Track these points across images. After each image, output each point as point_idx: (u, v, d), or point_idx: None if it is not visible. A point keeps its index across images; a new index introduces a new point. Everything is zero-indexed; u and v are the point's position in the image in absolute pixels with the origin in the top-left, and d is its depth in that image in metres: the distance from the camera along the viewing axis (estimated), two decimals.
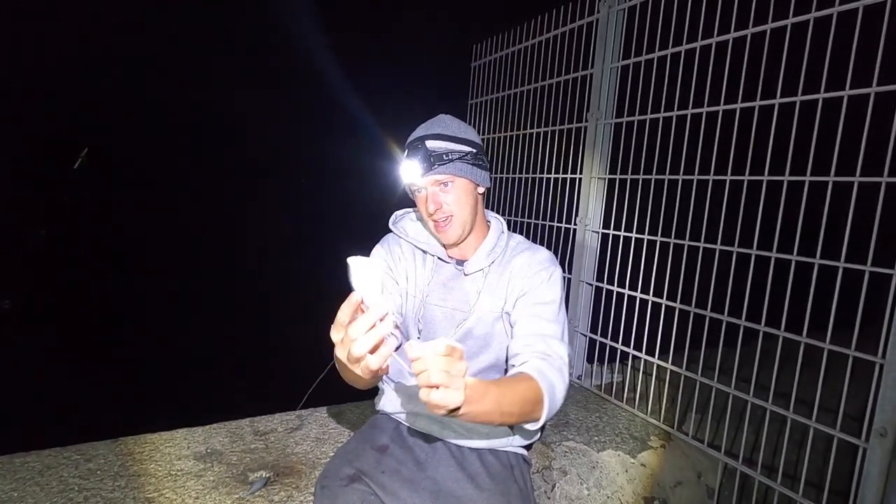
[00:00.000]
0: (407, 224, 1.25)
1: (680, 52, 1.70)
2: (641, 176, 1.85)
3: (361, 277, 0.71)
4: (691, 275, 1.67)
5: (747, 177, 1.51)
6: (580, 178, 2.13)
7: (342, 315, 0.73)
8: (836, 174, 1.28)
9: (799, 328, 1.37)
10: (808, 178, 1.35)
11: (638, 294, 1.89)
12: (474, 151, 1.11)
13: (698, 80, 1.64)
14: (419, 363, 0.69)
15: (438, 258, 1.19)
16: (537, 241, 2.29)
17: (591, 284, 2.12)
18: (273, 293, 7.61)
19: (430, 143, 1.07)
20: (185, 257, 10.05)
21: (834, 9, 1.28)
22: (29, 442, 1.41)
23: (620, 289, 1.96)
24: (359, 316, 0.71)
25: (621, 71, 1.97)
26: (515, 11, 2.64)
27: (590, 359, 2.17)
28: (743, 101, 1.51)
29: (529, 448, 1.24)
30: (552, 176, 2.28)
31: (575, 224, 2.15)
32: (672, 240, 1.74)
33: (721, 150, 1.60)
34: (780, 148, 1.40)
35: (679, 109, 1.71)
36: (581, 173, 2.12)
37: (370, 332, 0.68)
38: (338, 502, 0.98)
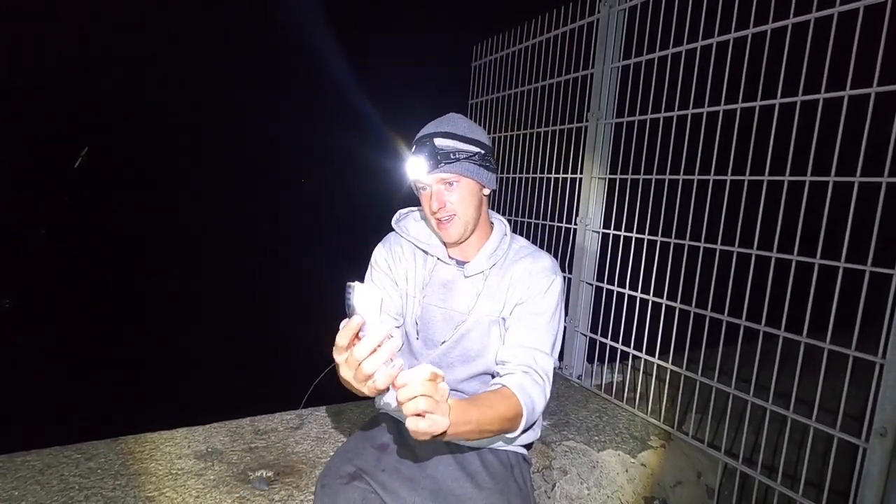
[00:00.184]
0: (409, 223, 1.25)
1: (680, 53, 1.70)
2: (642, 176, 1.85)
3: (362, 302, 0.73)
4: (691, 275, 1.67)
5: (747, 177, 1.51)
6: (580, 178, 2.13)
7: (341, 339, 0.75)
8: (837, 174, 1.28)
9: (799, 328, 1.37)
10: (809, 179, 1.35)
11: (638, 294, 1.89)
12: (482, 152, 1.10)
13: (699, 81, 1.64)
14: (406, 390, 0.71)
15: (438, 259, 1.18)
16: (537, 242, 2.30)
17: (592, 284, 2.12)
18: (273, 293, 7.61)
19: (439, 141, 1.07)
20: (185, 257, 10.05)
21: (834, 9, 1.28)
22: (29, 441, 1.41)
23: (621, 289, 1.97)
24: (360, 338, 0.73)
25: (621, 71, 1.97)
26: (515, 11, 2.65)
27: (590, 359, 2.17)
28: (743, 102, 1.51)
29: (529, 447, 1.24)
30: (552, 176, 2.28)
31: (575, 224, 2.16)
32: (672, 240, 1.74)
33: (721, 151, 1.60)
34: (781, 148, 1.40)
35: (679, 110, 1.71)
36: (581, 173, 2.12)
37: (376, 354, 0.71)
38: (338, 500, 0.99)
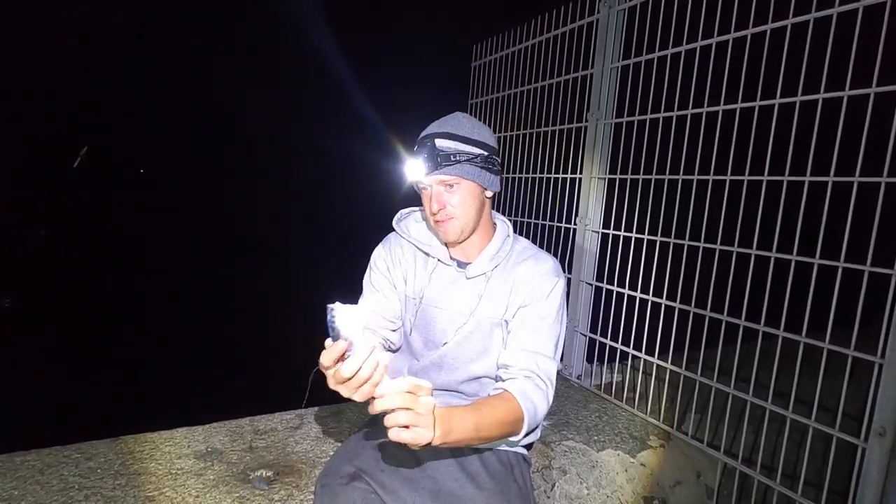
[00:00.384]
0: (411, 224, 1.24)
1: (680, 53, 1.70)
2: (641, 176, 1.85)
3: (345, 324, 0.75)
4: (691, 274, 1.67)
5: (747, 177, 1.51)
6: (580, 178, 2.13)
7: (325, 360, 0.78)
8: (836, 174, 1.28)
9: (798, 328, 1.37)
10: (808, 179, 1.35)
11: (638, 294, 1.89)
12: (485, 154, 1.08)
13: (698, 81, 1.64)
14: (383, 401, 0.72)
15: (439, 260, 1.17)
16: (537, 241, 2.30)
17: (591, 284, 2.12)
18: (273, 293, 7.60)
19: (440, 142, 1.05)
20: (185, 257, 10.05)
21: (834, 9, 1.28)
22: (29, 441, 1.41)
23: (620, 288, 1.97)
24: (346, 358, 0.76)
25: (621, 71, 1.98)
26: (515, 11, 2.65)
27: (590, 358, 2.17)
28: (743, 102, 1.51)
29: (529, 447, 1.24)
30: (552, 176, 2.28)
31: (575, 224, 2.16)
32: (672, 240, 1.74)
33: (721, 151, 1.60)
34: (780, 148, 1.40)
35: (679, 109, 1.71)
36: (581, 173, 2.12)
37: (362, 370, 0.75)
38: (338, 500, 0.98)
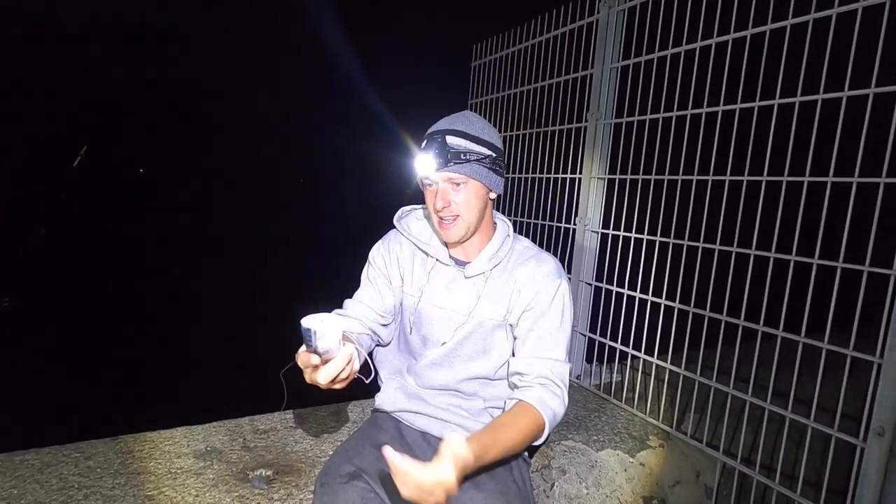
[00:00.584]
0: (411, 221, 1.24)
1: (680, 53, 1.71)
2: (641, 176, 1.85)
3: (323, 339, 0.78)
4: (690, 275, 1.67)
5: (746, 177, 1.51)
6: (580, 178, 2.13)
7: (302, 364, 0.89)
8: (835, 174, 1.28)
9: (797, 328, 1.37)
10: (807, 179, 1.35)
11: (637, 294, 1.89)
12: (493, 155, 1.09)
13: (698, 81, 1.65)
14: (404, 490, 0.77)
15: (438, 260, 1.18)
16: (537, 241, 2.30)
17: (591, 284, 2.12)
18: (273, 293, 7.60)
19: (451, 139, 1.05)
20: (185, 257, 10.05)
21: (833, 10, 1.28)
22: (29, 440, 1.41)
23: (620, 289, 1.97)
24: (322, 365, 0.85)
25: (621, 71, 1.98)
26: (515, 11, 2.65)
27: (589, 358, 2.17)
28: (742, 102, 1.51)
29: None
30: (552, 176, 2.28)
31: (574, 224, 2.16)
32: (671, 240, 1.74)
33: (720, 151, 1.60)
34: (780, 148, 1.40)
35: (679, 110, 1.72)
36: (581, 173, 2.13)
37: (340, 375, 0.86)
38: (338, 500, 0.99)
